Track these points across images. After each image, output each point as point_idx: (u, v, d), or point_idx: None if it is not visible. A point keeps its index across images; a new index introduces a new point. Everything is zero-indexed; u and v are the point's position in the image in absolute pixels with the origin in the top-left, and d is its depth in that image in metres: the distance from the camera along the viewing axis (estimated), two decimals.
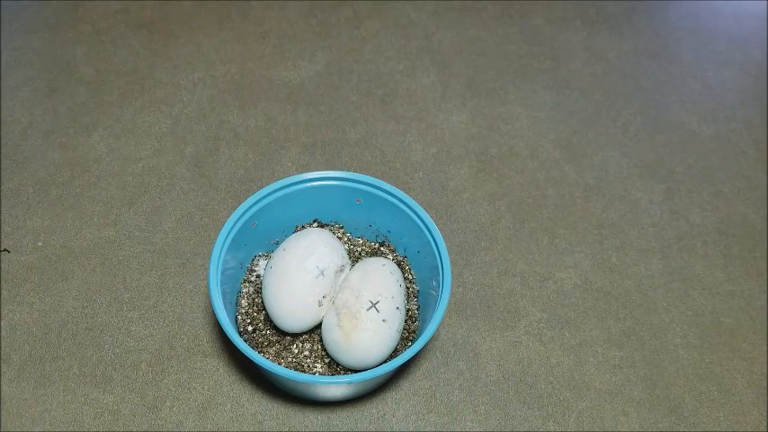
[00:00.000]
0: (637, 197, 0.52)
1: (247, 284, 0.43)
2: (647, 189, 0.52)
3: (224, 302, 0.38)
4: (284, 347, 0.41)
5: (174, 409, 0.41)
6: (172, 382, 0.42)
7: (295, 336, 0.41)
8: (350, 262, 0.42)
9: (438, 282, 0.40)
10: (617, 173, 0.53)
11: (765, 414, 0.42)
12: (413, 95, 0.56)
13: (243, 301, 0.42)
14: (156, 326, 0.44)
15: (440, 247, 0.40)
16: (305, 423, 0.41)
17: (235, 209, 0.49)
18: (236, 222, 0.40)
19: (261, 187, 0.50)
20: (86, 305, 0.44)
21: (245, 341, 0.40)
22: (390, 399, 0.42)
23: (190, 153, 0.52)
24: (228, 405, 0.41)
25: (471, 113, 0.56)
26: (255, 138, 0.53)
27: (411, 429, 0.41)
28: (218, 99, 0.55)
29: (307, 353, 0.40)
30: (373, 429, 0.41)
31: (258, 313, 0.41)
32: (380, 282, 0.39)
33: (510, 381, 0.43)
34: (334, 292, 0.40)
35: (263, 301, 0.41)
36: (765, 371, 0.44)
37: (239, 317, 0.41)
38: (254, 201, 0.41)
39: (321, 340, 0.40)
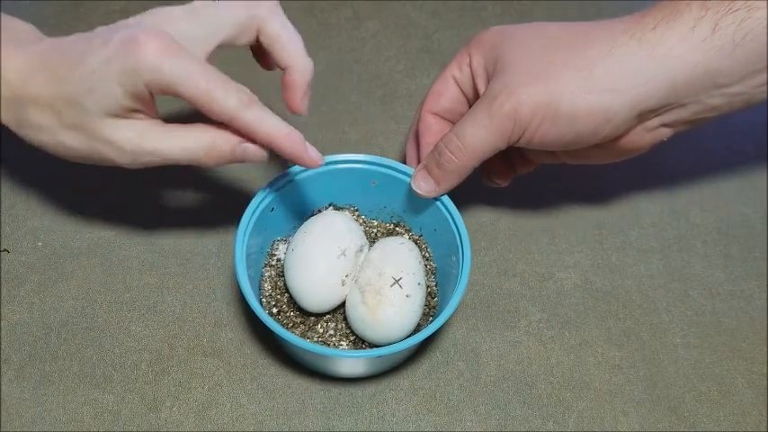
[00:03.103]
0: (637, 197, 0.52)
1: (269, 268, 0.43)
2: (647, 189, 0.52)
3: None
4: (309, 328, 0.41)
5: (174, 409, 0.41)
6: (172, 382, 0.42)
7: (319, 316, 0.42)
8: (367, 242, 0.43)
9: (457, 257, 0.40)
10: (617, 173, 0.53)
11: (765, 414, 0.42)
12: (413, 95, 0.56)
13: (266, 285, 0.43)
14: (156, 326, 0.44)
15: (458, 223, 0.41)
16: (305, 423, 0.41)
17: (235, 207, 0.49)
18: (257, 207, 0.41)
19: (261, 187, 0.50)
20: (86, 305, 0.44)
21: None
22: (390, 399, 0.42)
23: None
24: (228, 405, 0.41)
25: None
26: None
27: (411, 429, 0.41)
28: None
29: (332, 332, 0.41)
30: (373, 429, 0.41)
31: (282, 296, 0.42)
32: (401, 259, 0.40)
33: (510, 381, 0.43)
34: (356, 272, 0.41)
35: (285, 284, 0.41)
36: (765, 371, 0.44)
37: (263, 300, 0.42)
38: (273, 186, 0.42)
39: (345, 319, 0.42)
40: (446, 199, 0.42)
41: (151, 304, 0.44)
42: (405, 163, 0.45)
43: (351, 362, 0.39)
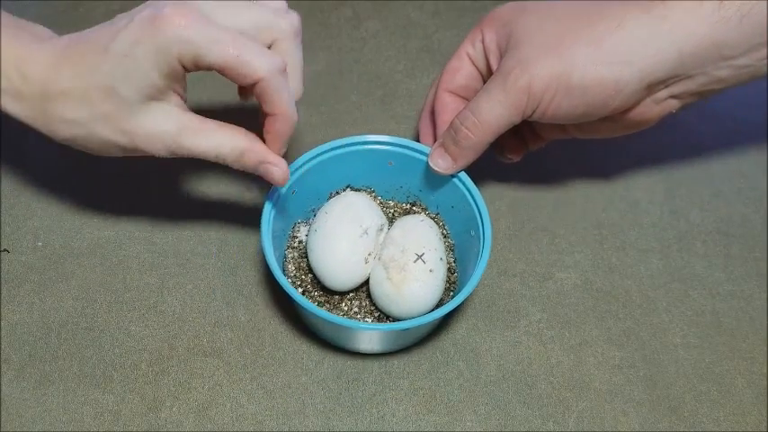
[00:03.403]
0: (637, 197, 0.52)
1: (291, 250, 0.44)
2: (647, 189, 0.52)
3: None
4: (334, 306, 0.42)
5: (174, 409, 0.41)
6: (172, 382, 0.42)
7: (342, 294, 0.43)
8: (387, 221, 0.44)
9: (477, 231, 0.41)
10: (617, 173, 0.53)
11: (765, 414, 0.42)
12: (413, 95, 0.56)
13: (290, 266, 0.44)
14: (156, 326, 0.44)
15: (476, 197, 0.42)
16: (305, 423, 0.41)
17: (235, 207, 0.49)
18: (279, 189, 0.41)
19: (261, 187, 0.50)
20: (86, 305, 0.44)
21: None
22: (390, 399, 0.42)
23: None
24: (228, 405, 0.41)
25: None
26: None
27: (411, 429, 0.41)
28: (219, 99, 0.55)
29: (356, 309, 0.43)
30: (373, 429, 0.41)
31: (306, 276, 0.44)
32: (422, 235, 0.41)
33: (510, 381, 0.43)
34: (378, 250, 0.42)
35: (308, 265, 0.42)
36: (765, 371, 0.44)
37: (288, 280, 0.42)
38: (293, 168, 0.42)
39: (368, 296, 0.43)
40: (463, 175, 0.43)
41: (151, 304, 0.45)
42: (418, 142, 0.46)
43: (378, 336, 0.41)
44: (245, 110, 0.51)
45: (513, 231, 0.49)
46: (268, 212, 0.40)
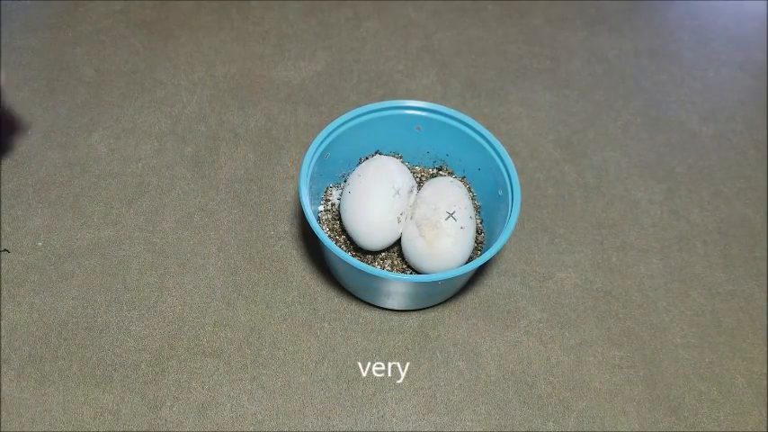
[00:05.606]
0: (637, 197, 0.52)
1: (325, 213, 0.46)
2: (647, 189, 0.52)
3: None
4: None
5: (174, 409, 0.41)
6: (172, 382, 0.42)
7: (375, 254, 0.45)
8: (416, 184, 0.45)
9: (504, 189, 0.43)
10: (617, 173, 0.53)
11: (765, 414, 0.42)
12: (413, 95, 0.56)
13: (324, 228, 0.45)
14: (156, 326, 0.44)
15: (503, 157, 0.43)
16: (305, 423, 0.41)
17: (235, 208, 0.49)
18: (315, 151, 0.43)
19: (261, 188, 0.50)
20: (86, 305, 0.44)
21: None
22: (390, 399, 0.42)
23: (190, 153, 0.52)
24: (228, 405, 0.41)
25: (471, 113, 0.56)
26: (255, 138, 0.53)
27: (411, 429, 0.41)
28: (218, 99, 0.55)
29: (388, 268, 0.44)
30: (373, 429, 0.41)
31: (339, 236, 0.45)
32: (453, 195, 0.43)
33: (510, 381, 0.43)
34: (410, 209, 0.43)
35: (341, 226, 0.45)
36: (765, 371, 0.44)
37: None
38: (327, 132, 0.43)
39: (399, 255, 0.45)
40: (490, 137, 0.44)
41: (151, 304, 0.45)
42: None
43: (413, 288, 0.42)
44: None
45: (514, 231, 0.49)
46: (305, 172, 0.41)
